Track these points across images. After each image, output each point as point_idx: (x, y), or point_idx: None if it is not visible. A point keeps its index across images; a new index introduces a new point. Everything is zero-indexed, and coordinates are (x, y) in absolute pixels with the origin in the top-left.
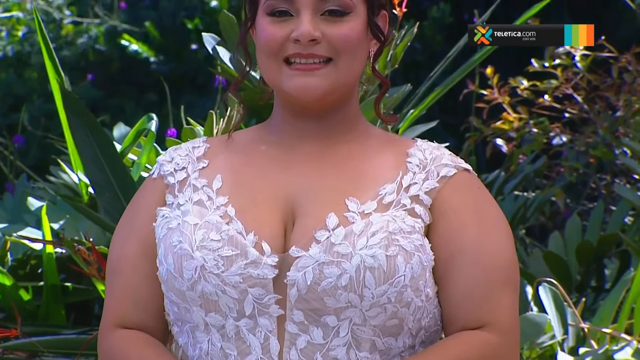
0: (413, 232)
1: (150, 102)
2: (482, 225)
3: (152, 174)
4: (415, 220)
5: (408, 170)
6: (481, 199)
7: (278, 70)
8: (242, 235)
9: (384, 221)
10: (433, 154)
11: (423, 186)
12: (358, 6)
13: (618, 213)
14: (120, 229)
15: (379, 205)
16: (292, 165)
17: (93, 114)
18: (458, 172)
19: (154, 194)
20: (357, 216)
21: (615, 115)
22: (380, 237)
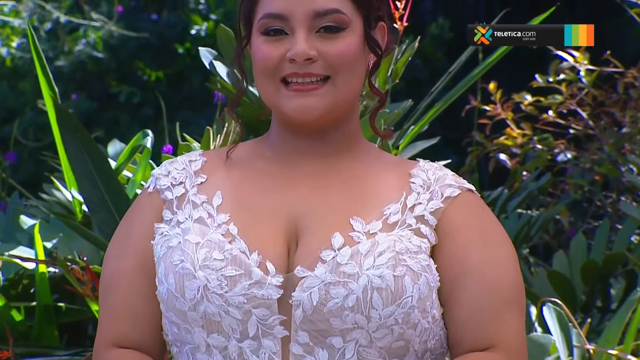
0: (419, 252)
1: (145, 116)
2: (487, 246)
3: (147, 188)
4: (421, 240)
5: (412, 191)
6: (485, 220)
7: (276, 91)
8: (245, 255)
9: (391, 241)
10: (436, 175)
11: (428, 206)
12: (354, 21)
13: (624, 232)
14: (114, 245)
15: (384, 225)
16: (293, 183)
17: (87, 129)
18: (462, 193)
19: (150, 209)
20: (363, 236)
21: (621, 132)
22: (388, 257)
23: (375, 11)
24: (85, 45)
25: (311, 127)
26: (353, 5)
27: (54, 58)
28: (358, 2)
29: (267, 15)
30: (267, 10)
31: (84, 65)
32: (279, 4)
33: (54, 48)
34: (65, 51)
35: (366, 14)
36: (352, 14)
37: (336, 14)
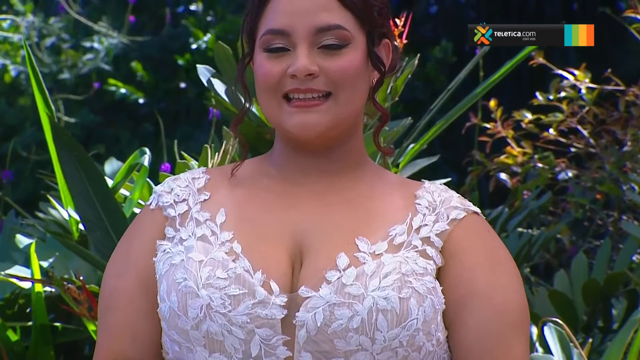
0: (425, 274)
1: (146, 132)
2: (493, 269)
3: (149, 204)
4: (427, 262)
5: (418, 212)
6: (491, 242)
7: (278, 107)
8: (249, 274)
9: (396, 262)
10: (442, 197)
11: (434, 228)
12: (357, 37)
13: (626, 251)
14: (114, 262)
15: (389, 245)
16: (298, 201)
17: (87, 145)
18: (468, 215)
19: (152, 226)
20: (368, 256)
21: (623, 150)
22: (393, 279)
23: (378, 28)
24: (94, 57)
25: (314, 144)
26: (356, 21)
27: (58, 72)
28: (361, 18)
29: (269, 32)
30: (269, 27)
31: (88, 78)
32: (281, 20)
33: (58, 62)
34: (68, 65)
35: (369, 31)
36: (355, 30)
37: (338, 30)
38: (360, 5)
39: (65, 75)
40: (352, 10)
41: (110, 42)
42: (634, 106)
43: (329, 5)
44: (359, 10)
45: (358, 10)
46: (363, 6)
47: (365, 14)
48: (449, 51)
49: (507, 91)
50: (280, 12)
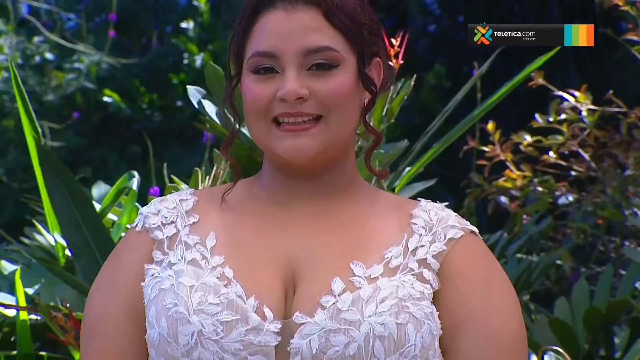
0: (422, 298)
1: (134, 154)
2: (489, 293)
3: (134, 227)
4: (424, 285)
5: (413, 232)
6: (488, 265)
7: (267, 131)
8: (242, 299)
9: (393, 286)
10: (439, 215)
11: (430, 249)
12: (347, 58)
13: (628, 277)
14: (100, 287)
15: (385, 269)
16: (290, 225)
17: (73, 168)
18: (465, 235)
19: (138, 249)
20: (364, 281)
21: (625, 174)
22: (390, 304)
23: (369, 47)
24: (77, 77)
25: (305, 168)
26: (346, 41)
27: (42, 93)
28: (351, 39)
29: (257, 54)
30: (257, 49)
31: (72, 99)
32: (269, 41)
33: (41, 84)
34: (53, 86)
35: (360, 51)
36: (345, 50)
37: (328, 52)
38: (350, 26)
39: (50, 96)
40: (342, 31)
41: (91, 59)
42: (636, 129)
43: (318, 26)
44: (349, 31)
45: (348, 30)
46: (353, 26)
47: (356, 34)
48: (443, 76)
49: (505, 113)
50: (267, 33)
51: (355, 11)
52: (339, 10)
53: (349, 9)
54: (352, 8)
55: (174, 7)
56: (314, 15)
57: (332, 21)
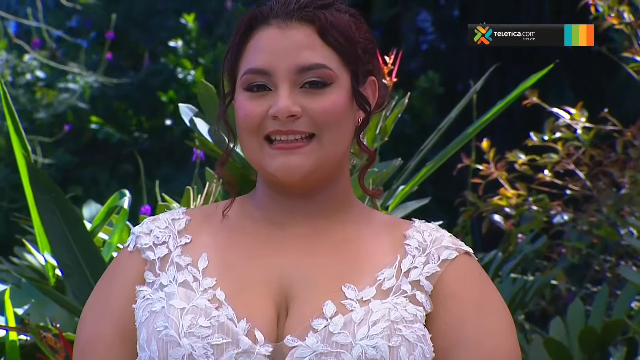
0: (415, 321)
1: (125, 172)
2: (482, 315)
3: (126, 247)
4: (417, 308)
5: (407, 254)
6: (482, 286)
7: (259, 149)
8: (233, 322)
9: (385, 309)
10: (432, 236)
11: (424, 270)
12: (340, 76)
13: (624, 297)
14: (92, 307)
15: (378, 291)
16: (282, 246)
17: (64, 186)
18: (459, 256)
19: (130, 270)
20: (356, 303)
21: (620, 193)
22: (382, 327)
23: (364, 65)
24: (69, 96)
25: (298, 187)
26: (340, 59)
27: (32, 111)
28: (345, 57)
29: (250, 71)
30: (251, 66)
31: (63, 117)
32: (262, 58)
33: (32, 101)
34: (43, 104)
35: (354, 69)
36: (339, 68)
37: (321, 69)
38: (344, 44)
39: (41, 114)
40: (336, 49)
41: (86, 80)
42: (631, 147)
43: (312, 43)
44: (343, 49)
45: (342, 48)
46: (347, 44)
47: (350, 52)
48: (436, 81)
49: (500, 131)
50: (261, 50)
51: (349, 29)
52: (333, 28)
53: (343, 27)
54: (346, 26)
55: (164, 25)
56: (307, 32)
57: (326, 39)
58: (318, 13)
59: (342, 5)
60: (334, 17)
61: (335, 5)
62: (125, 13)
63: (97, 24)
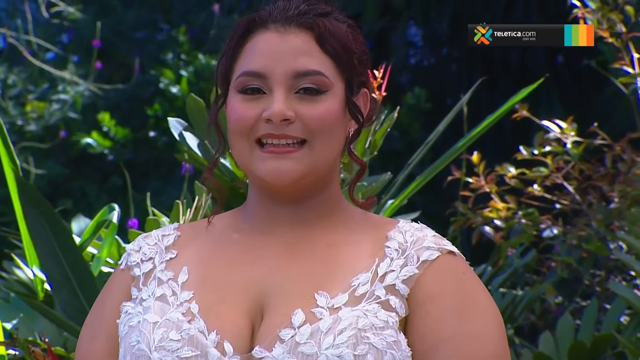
0: (386, 327)
1: (115, 185)
2: (464, 316)
3: (120, 264)
4: (388, 314)
5: (385, 256)
6: (465, 286)
7: (250, 152)
8: (203, 335)
9: (354, 317)
10: (414, 236)
11: (400, 274)
12: (335, 84)
13: (613, 312)
14: (87, 324)
15: (350, 297)
16: (263, 255)
17: (53, 199)
18: (442, 256)
19: (121, 287)
20: (326, 311)
21: (610, 207)
22: (348, 335)
23: (358, 76)
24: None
25: (286, 192)
26: (336, 68)
27: (24, 124)
28: (341, 66)
29: (246, 73)
30: (246, 68)
31: (55, 128)
32: (258, 61)
33: (23, 113)
34: (34, 117)
35: (349, 79)
36: (334, 77)
37: (317, 76)
38: (341, 53)
39: (32, 126)
40: (333, 57)
41: (76, 90)
42: (621, 161)
43: (309, 50)
44: (340, 57)
45: (339, 57)
46: (344, 53)
47: (346, 61)
48: (423, 97)
49: (489, 145)
50: (257, 53)
51: (347, 39)
52: (331, 36)
53: (341, 36)
54: (344, 35)
55: (154, 39)
56: (306, 39)
57: (324, 46)
58: (317, 20)
59: (340, 15)
60: (333, 26)
61: (334, 14)
62: (114, 27)
63: (87, 37)
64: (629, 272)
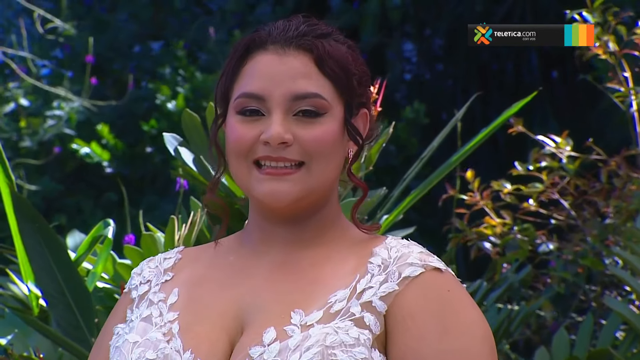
0: (357, 344)
1: (110, 201)
2: (445, 335)
3: (125, 288)
4: (361, 331)
5: (367, 272)
6: (449, 303)
7: (248, 173)
8: (179, 354)
9: (322, 334)
10: (399, 252)
11: (379, 290)
12: (334, 106)
13: (608, 327)
14: (94, 345)
15: (325, 315)
16: (251, 275)
17: (48, 215)
18: (426, 272)
19: (120, 310)
20: (298, 329)
21: (605, 223)
22: (314, 352)
23: (358, 97)
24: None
25: (283, 213)
26: (335, 90)
27: (18, 140)
28: (340, 88)
29: (245, 95)
30: (245, 90)
31: (50, 144)
32: (257, 83)
33: (17, 129)
34: (29, 133)
35: (348, 100)
36: (333, 99)
37: (316, 99)
38: (341, 75)
39: (27, 142)
40: (332, 79)
41: (71, 106)
42: (616, 177)
43: (308, 72)
44: (339, 80)
45: (338, 79)
46: (343, 75)
47: (345, 83)
48: (422, 112)
49: (484, 160)
50: (256, 75)
51: (346, 60)
52: (331, 58)
53: (340, 58)
54: (343, 57)
55: (148, 53)
56: (305, 61)
57: (323, 68)
58: (316, 42)
59: (340, 36)
60: (332, 48)
61: (334, 35)
62: (109, 42)
63: (82, 53)
64: (625, 288)
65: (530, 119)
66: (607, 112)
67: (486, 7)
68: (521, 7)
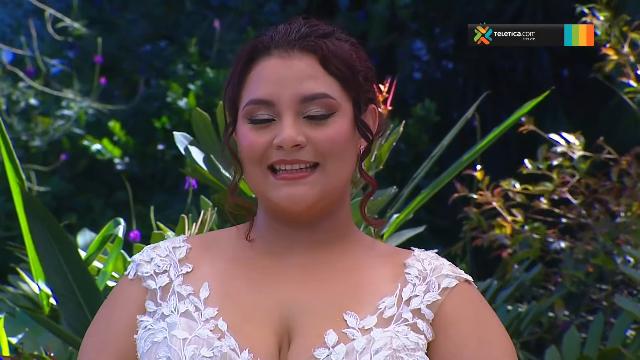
0: (417, 349)
1: (120, 200)
2: (482, 344)
3: (127, 274)
4: (418, 336)
5: (407, 282)
6: (483, 314)
7: (263, 179)
8: (235, 353)
9: (387, 337)
10: (432, 264)
11: (424, 299)
12: (343, 105)
13: (619, 326)
14: (93, 334)
15: (379, 320)
16: (284, 276)
17: (58, 214)
18: (459, 284)
19: (132, 298)
20: (358, 332)
21: (616, 221)
22: (385, 355)
23: (365, 94)
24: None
25: (301, 217)
26: (342, 88)
27: (28, 139)
28: (347, 86)
29: (253, 101)
30: (253, 96)
31: (60, 145)
32: (265, 89)
33: (28, 129)
34: (39, 132)
35: (356, 97)
36: (341, 97)
37: (324, 99)
38: (346, 72)
39: (37, 142)
40: (338, 78)
41: (80, 106)
42: (627, 176)
43: (314, 73)
44: (345, 78)
45: (344, 77)
46: (349, 73)
47: (351, 80)
48: (432, 110)
49: (495, 159)
50: (263, 80)
51: (351, 58)
52: (335, 57)
53: (344, 56)
54: (347, 55)
55: (160, 53)
56: (309, 62)
57: (328, 68)
58: (319, 42)
59: (342, 34)
60: (335, 46)
61: (336, 34)
62: (119, 42)
63: (92, 53)
64: (636, 287)
65: (540, 117)
66: (617, 110)
67: (496, 5)
68: (532, 5)
